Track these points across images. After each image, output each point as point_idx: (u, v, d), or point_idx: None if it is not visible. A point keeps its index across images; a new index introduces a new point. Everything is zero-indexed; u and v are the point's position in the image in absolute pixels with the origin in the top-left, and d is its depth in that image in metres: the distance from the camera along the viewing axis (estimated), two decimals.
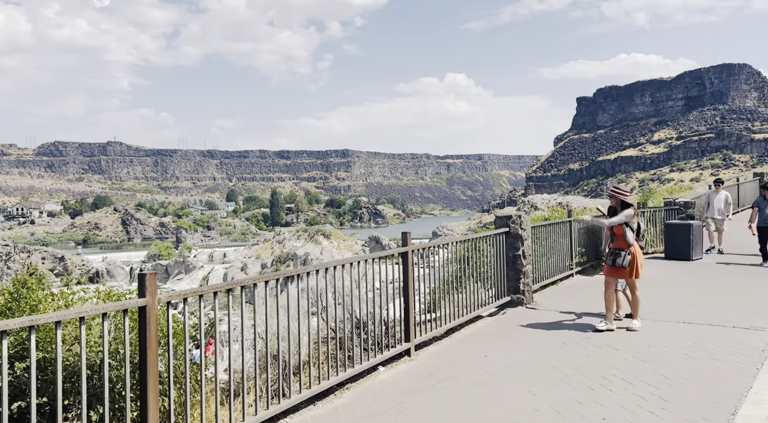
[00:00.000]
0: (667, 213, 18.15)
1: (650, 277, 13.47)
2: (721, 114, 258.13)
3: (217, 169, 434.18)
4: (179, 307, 4.97)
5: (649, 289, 12.03)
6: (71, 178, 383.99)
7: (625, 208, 8.94)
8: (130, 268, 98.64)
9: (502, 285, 10.21)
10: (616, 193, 9.12)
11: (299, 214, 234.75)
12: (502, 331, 8.75)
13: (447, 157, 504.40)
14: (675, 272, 14.18)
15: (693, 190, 26.68)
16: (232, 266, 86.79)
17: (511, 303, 10.41)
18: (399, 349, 7.35)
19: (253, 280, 5.34)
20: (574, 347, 7.72)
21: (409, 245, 7.63)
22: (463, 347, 7.94)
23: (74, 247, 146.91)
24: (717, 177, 19.31)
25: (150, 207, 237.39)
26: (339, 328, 6.46)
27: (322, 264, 6.29)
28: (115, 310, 4.19)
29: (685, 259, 15.77)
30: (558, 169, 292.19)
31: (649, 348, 7.55)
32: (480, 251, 9.39)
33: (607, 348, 7.64)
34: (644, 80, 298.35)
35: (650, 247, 17.34)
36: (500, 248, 10.13)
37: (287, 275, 5.81)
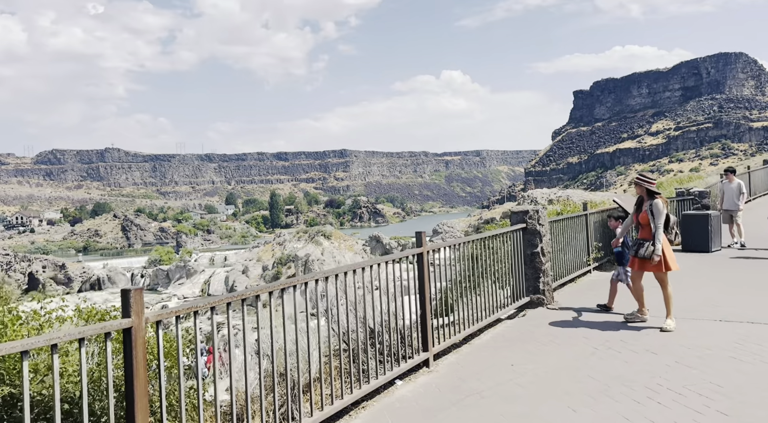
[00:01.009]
0: (680, 203, 17.56)
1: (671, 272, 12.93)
2: (718, 103, 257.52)
3: (215, 172, 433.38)
4: (174, 324, 4.33)
5: (673, 284, 11.42)
6: (70, 186, 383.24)
7: (651, 196, 8.39)
8: (131, 274, 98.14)
9: (521, 285, 9.63)
10: (642, 180, 8.55)
11: (299, 215, 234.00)
12: (525, 336, 8.11)
13: (445, 154, 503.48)
14: (696, 265, 13.53)
15: (702, 179, 25.98)
16: (234, 269, 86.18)
17: (531, 304, 9.79)
18: (417, 360, 6.70)
19: (255, 292, 4.68)
20: (608, 352, 7.07)
21: (424, 246, 6.98)
22: (486, 355, 7.30)
23: (75, 255, 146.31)
24: (729, 166, 18.26)
25: (149, 212, 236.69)
26: (351, 339, 5.83)
27: (332, 270, 5.64)
28: (95, 334, 3.54)
29: (703, 251, 15.17)
30: (557, 163, 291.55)
31: (691, 351, 6.90)
32: (496, 249, 8.76)
33: (645, 352, 6.99)
34: (641, 72, 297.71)
35: None
36: (517, 245, 9.52)
37: (292, 284, 5.16)
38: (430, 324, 6.93)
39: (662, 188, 22.37)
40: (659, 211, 8.23)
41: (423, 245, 6.97)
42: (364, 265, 6.06)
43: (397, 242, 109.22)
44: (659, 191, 8.60)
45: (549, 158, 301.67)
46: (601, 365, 6.60)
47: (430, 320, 6.92)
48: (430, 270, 7.05)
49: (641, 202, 8.59)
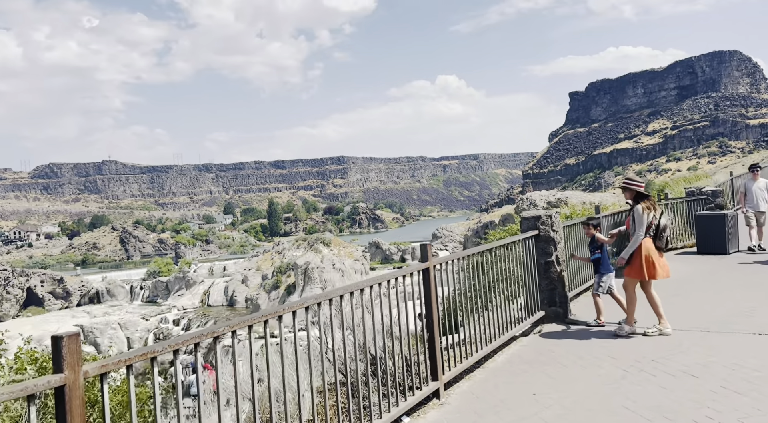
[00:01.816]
0: (690, 204, 16.67)
1: (687, 276, 12.15)
2: (714, 101, 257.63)
3: (213, 182, 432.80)
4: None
5: (693, 291, 10.68)
6: (67, 199, 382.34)
7: (636, 201, 8.13)
8: (131, 286, 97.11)
9: (535, 297, 8.85)
10: (629, 184, 8.29)
11: (297, 223, 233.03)
12: (543, 357, 7.29)
13: (442, 159, 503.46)
14: (715, 269, 12.74)
15: (710, 177, 25.28)
16: (233, 279, 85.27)
17: (546, 318, 8.98)
18: (426, 392, 5.86)
19: (232, 327, 3.85)
20: (641, 376, 6.25)
21: (430, 260, 6.17)
22: (502, 382, 6.47)
23: (73, 268, 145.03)
24: (754, 162, 16.95)
25: (148, 224, 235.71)
26: (350, 369, 5.02)
27: (325, 294, 4.83)
28: (12, 398, 2.73)
29: (720, 253, 14.36)
30: (554, 164, 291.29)
31: (736, 373, 6.08)
32: (507, 260, 8.00)
33: (683, 375, 6.16)
34: (636, 72, 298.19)
35: (678, 241, 15.95)
36: (530, 254, 8.73)
37: (277, 314, 4.33)
38: (440, 349, 6.12)
39: (670, 188, 21.64)
40: (640, 220, 8.01)
41: (429, 259, 6.17)
42: (363, 286, 5.26)
43: (397, 248, 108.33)
44: (648, 194, 8.29)
45: (546, 160, 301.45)
46: (635, 392, 5.78)
47: (439, 345, 6.10)
48: (437, 287, 6.25)
49: (631, 207, 8.40)
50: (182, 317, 75.98)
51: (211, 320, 72.80)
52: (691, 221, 16.14)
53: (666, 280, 12.30)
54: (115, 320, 70.86)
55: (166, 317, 76.11)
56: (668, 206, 15.38)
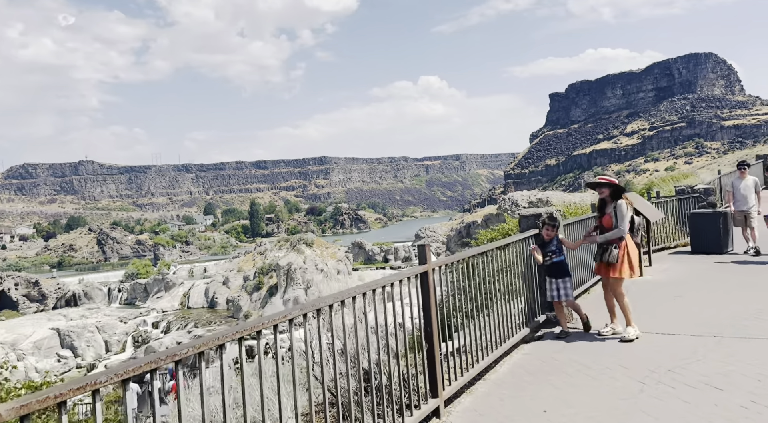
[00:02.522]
0: (680, 202, 16.35)
1: (684, 277, 11.77)
2: (690, 103, 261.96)
3: (193, 182, 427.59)
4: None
5: (694, 292, 10.24)
6: (43, 200, 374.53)
7: (616, 197, 7.82)
8: (108, 288, 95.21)
9: (535, 301, 8.34)
10: (606, 180, 7.97)
11: (280, 223, 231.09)
12: (548, 366, 6.72)
13: (425, 159, 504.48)
14: (713, 269, 12.34)
15: (695, 176, 25.19)
16: (214, 281, 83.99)
17: (548, 322, 8.48)
18: (425, 411, 5.21)
19: (197, 348, 3.11)
20: (659, 388, 5.68)
21: (429, 263, 5.55)
22: (507, 396, 5.87)
23: (49, 271, 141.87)
24: (742, 159, 16.48)
25: (126, 225, 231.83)
26: (341, 388, 4.36)
27: (314, 303, 4.16)
28: None
29: (715, 252, 13.94)
30: (535, 165, 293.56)
31: (762, 384, 5.55)
32: (506, 261, 7.45)
33: (705, 387, 5.61)
34: (614, 73, 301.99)
35: (671, 240, 15.62)
36: (530, 255, 8.24)
37: (255, 329, 3.63)
38: (439, 361, 5.48)
39: (659, 187, 21.39)
40: (623, 214, 7.70)
41: (428, 262, 5.54)
42: (354, 294, 4.60)
43: (380, 248, 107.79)
44: (625, 189, 8.07)
45: (527, 161, 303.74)
46: (656, 408, 5.20)
47: (438, 357, 5.46)
48: (436, 293, 5.61)
49: (603, 205, 8.01)
50: (162, 320, 74.56)
51: (191, 322, 71.51)
52: (683, 220, 15.82)
53: (663, 281, 11.83)
54: (92, 323, 69.22)
55: (144, 320, 74.64)
56: (659, 205, 15.00)
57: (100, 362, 61.57)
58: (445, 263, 6.01)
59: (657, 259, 13.56)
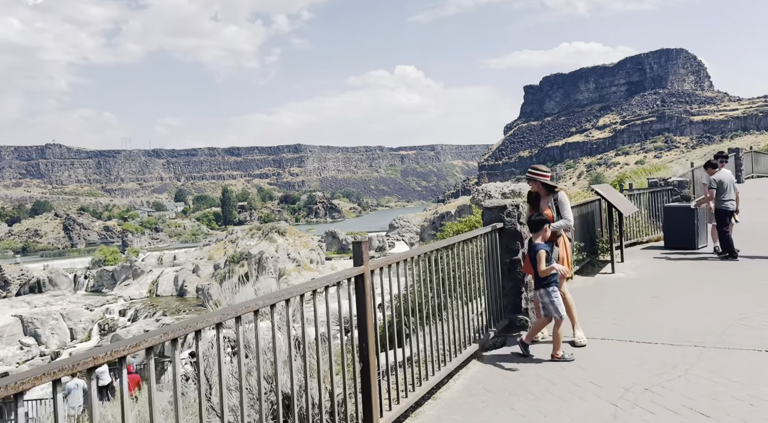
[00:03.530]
0: (653, 195, 16.14)
1: (660, 275, 11.15)
2: (661, 98, 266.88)
3: (164, 168, 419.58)
4: None
5: (672, 293, 9.63)
6: (8, 184, 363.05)
7: (551, 190, 7.46)
8: (74, 275, 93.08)
9: (498, 304, 7.52)
10: (536, 174, 7.45)
11: (252, 211, 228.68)
12: (510, 382, 6.08)
13: (400, 149, 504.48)
14: (689, 267, 11.94)
15: (667, 169, 25.39)
16: (183, 269, 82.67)
17: (511, 327, 7.71)
18: None
19: (71, 367, 2.38)
20: (636, 413, 5.13)
21: (365, 264, 4.68)
22: (460, 422, 5.24)
23: (12, 256, 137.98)
24: (720, 151, 15.91)
25: (94, 211, 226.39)
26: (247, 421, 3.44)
27: (217, 314, 3.29)
28: None
29: (689, 247, 13.72)
30: (509, 157, 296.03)
31: (756, 409, 5.06)
32: (465, 258, 6.67)
33: (690, 412, 5.05)
34: (588, 67, 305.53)
35: (644, 234, 15.47)
36: (492, 252, 7.38)
37: (147, 346, 2.77)
38: (376, 383, 4.68)
39: (632, 179, 21.47)
40: (566, 204, 7.35)
41: (364, 263, 4.67)
42: (275, 300, 3.76)
43: (354, 237, 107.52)
44: (555, 185, 7.50)
45: (501, 152, 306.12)
46: None
47: (375, 379, 4.66)
48: (375, 299, 4.80)
49: (536, 199, 7.50)
50: (129, 308, 73.21)
51: (159, 311, 70.31)
52: (657, 213, 15.66)
53: (637, 279, 11.22)
54: (57, 310, 67.60)
55: (111, 308, 73.20)
56: (632, 197, 14.81)
57: (64, 350, 60.22)
58: (388, 263, 5.15)
59: (629, 255, 13.12)
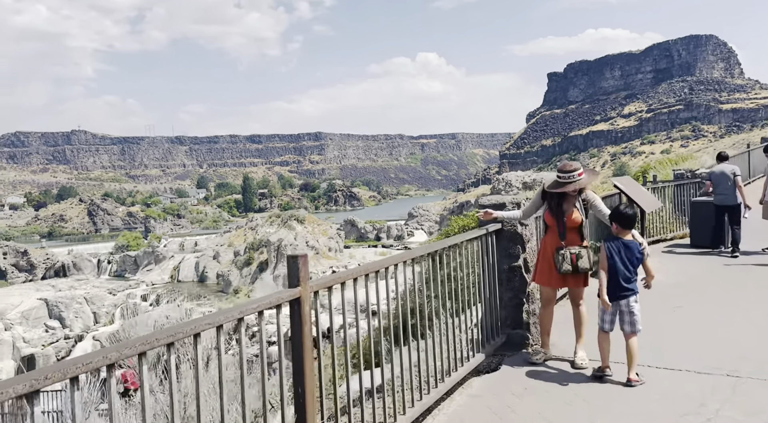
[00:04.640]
0: (679, 188, 14.78)
1: (685, 279, 9.79)
2: (689, 85, 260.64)
3: (186, 155, 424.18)
4: None
5: (697, 302, 8.33)
6: (35, 169, 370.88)
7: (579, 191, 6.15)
8: (98, 260, 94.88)
9: (493, 317, 6.38)
10: (570, 179, 6.03)
11: (273, 199, 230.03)
12: (507, 418, 4.95)
13: (421, 137, 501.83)
14: (718, 269, 10.61)
15: (694, 158, 24.30)
16: (204, 255, 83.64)
17: (510, 345, 6.57)
18: None
19: None
20: None
21: (303, 284, 3.53)
22: None
23: (38, 241, 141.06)
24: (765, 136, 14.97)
25: (117, 196, 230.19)
26: None
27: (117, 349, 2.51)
28: None
29: (718, 247, 12.33)
30: (531, 145, 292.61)
31: None
32: (456, 265, 5.70)
33: None
34: (614, 54, 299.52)
35: (668, 231, 14.24)
36: (488, 257, 6.30)
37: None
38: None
39: (656, 170, 20.67)
40: (600, 204, 6.17)
41: (300, 283, 3.51)
42: (193, 331, 2.87)
43: (373, 226, 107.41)
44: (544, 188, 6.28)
45: (523, 141, 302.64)
46: None
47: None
48: (319, 328, 3.72)
49: (556, 197, 6.08)
50: (151, 293, 74.36)
51: (180, 296, 71.23)
52: (682, 208, 14.55)
53: (659, 283, 9.48)
54: (81, 294, 68.87)
55: (134, 292, 74.39)
56: (655, 191, 13.74)
57: (88, 333, 61.37)
58: (339, 281, 3.95)
59: (651, 254, 11.80)
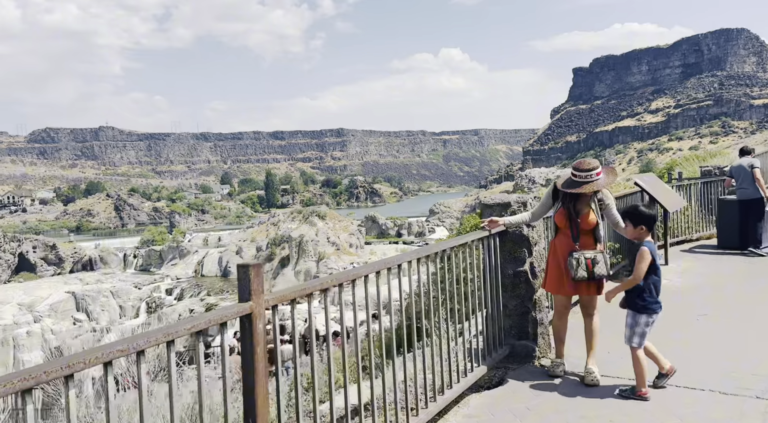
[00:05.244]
0: (706, 185, 14.01)
1: (711, 284, 9.18)
2: (719, 80, 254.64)
3: (211, 151, 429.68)
4: None
5: (726, 308, 7.78)
6: (64, 165, 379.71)
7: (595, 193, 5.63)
8: (124, 254, 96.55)
9: (496, 326, 5.82)
10: (588, 178, 5.45)
11: (295, 195, 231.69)
12: None
13: (443, 134, 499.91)
14: (748, 273, 9.99)
15: (723, 155, 23.54)
16: (227, 250, 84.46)
17: (514, 356, 6.00)
18: None
19: None
20: None
21: (256, 297, 2.99)
22: None
23: (67, 235, 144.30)
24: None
25: (143, 192, 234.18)
26: None
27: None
28: None
29: (747, 247, 11.61)
30: (555, 141, 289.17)
31: None
32: (456, 268, 5.19)
33: None
34: (641, 49, 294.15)
35: (694, 231, 13.52)
36: (491, 262, 5.74)
37: None
38: None
39: (682, 167, 20.16)
40: (614, 207, 5.62)
41: (252, 297, 2.96)
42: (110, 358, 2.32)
43: (393, 222, 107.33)
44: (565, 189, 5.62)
45: (547, 137, 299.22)
46: None
47: None
48: (278, 349, 3.21)
49: (569, 196, 5.54)
50: (175, 287, 75.41)
51: (204, 290, 72.16)
52: (710, 207, 13.82)
53: (682, 288, 9.13)
54: (107, 288, 70.17)
55: (159, 286, 75.55)
56: (680, 189, 13.07)
57: (113, 326, 62.57)
58: (298, 295, 3.27)
59: (674, 256, 11.04)
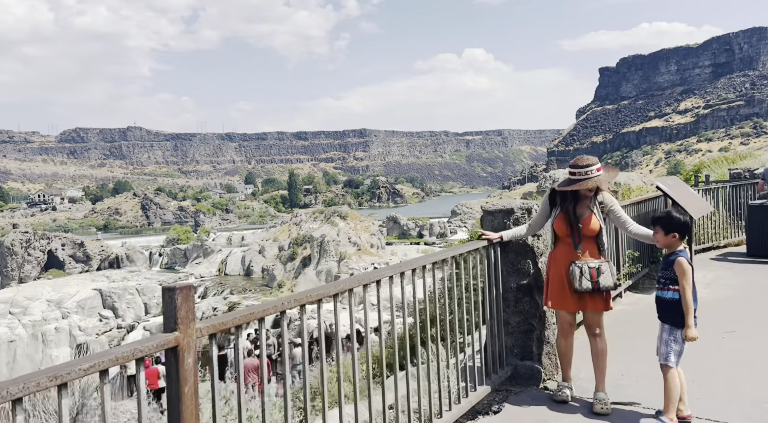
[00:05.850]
0: (735, 189, 13.28)
1: (739, 296, 8.52)
2: (751, 80, 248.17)
3: (236, 151, 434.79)
4: None
5: (756, 323, 7.09)
6: (93, 164, 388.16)
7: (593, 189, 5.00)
8: (149, 252, 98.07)
9: (496, 346, 5.24)
10: (587, 174, 4.85)
11: (317, 195, 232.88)
12: None
13: (466, 134, 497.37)
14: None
15: (755, 157, 22.72)
16: (250, 249, 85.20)
17: (517, 379, 5.41)
18: None
19: None
20: None
21: (183, 327, 2.42)
22: None
23: (95, 233, 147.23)
24: None
25: (169, 191, 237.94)
26: None
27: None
28: None
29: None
30: (580, 142, 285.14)
31: None
32: (454, 280, 4.77)
33: None
34: (669, 48, 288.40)
35: (721, 237, 12.81)
36: (491, 274, 5.19)
37: None
38: None
39: (710, 170, 19.52)
40: (619, 207, 5.01)
41: (179, 327, 2.41)
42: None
43: (415, 223, 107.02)
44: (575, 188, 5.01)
45: (572, 137, 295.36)
46: None
47: None
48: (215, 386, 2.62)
49: (568, 199, 4.95)
50: (199, 285, 76.36)
51: (227, 289, 72.91)
52: (739, 211, 13.11)
53: (708, 300, 8.22)
54: (133, 285, 71.35)
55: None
56: (707, 193, 12.40)
57: (139, 324, 63.60)
58: (234, 324, 2.70)
59: (700, 264, 10.22)
